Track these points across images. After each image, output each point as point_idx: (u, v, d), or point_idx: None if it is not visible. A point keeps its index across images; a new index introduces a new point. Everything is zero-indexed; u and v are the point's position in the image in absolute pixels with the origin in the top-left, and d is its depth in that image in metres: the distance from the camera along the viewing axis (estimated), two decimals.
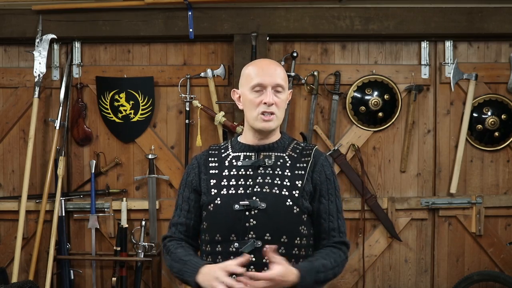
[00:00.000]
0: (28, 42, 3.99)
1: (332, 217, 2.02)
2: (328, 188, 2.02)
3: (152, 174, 4.00)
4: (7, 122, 4.10)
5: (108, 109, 4.03)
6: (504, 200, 4.09)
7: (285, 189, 1.96)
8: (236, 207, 1.94)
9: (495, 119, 4.05)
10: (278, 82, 1.98)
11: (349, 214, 4.06)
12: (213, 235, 1.98)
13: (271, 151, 2.03)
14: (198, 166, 2.08)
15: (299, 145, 2.08)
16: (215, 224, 1.98)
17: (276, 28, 3.91)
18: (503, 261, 4.09)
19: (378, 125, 4.07)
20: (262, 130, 2.00)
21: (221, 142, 2.21)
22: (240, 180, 1.98)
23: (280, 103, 1.99)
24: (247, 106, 2.01)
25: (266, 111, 1.96)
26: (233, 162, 2.03)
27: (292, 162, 2.01)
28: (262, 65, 2.02)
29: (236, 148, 2.07)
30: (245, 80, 2.03)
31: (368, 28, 3.91)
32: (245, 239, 1.92)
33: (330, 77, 4.04)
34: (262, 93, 1.97)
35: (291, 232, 1.95)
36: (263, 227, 1.92)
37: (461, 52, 4.10)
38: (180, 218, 2.08)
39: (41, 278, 3.97)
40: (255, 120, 1.98)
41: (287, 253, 1.93)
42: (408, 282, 4.13)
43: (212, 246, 1.98)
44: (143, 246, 3.89)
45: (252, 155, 2.03)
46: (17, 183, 4.11)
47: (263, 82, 1.97)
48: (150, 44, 4.10)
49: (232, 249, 1.93)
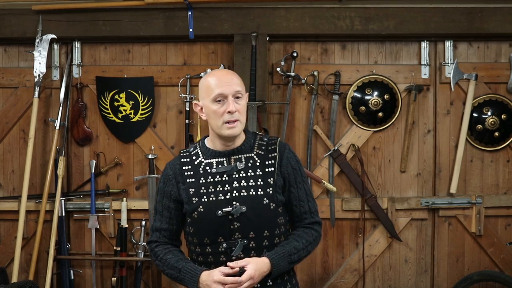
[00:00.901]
0: (28, 42, 3.99)
1: (302, 202, 2.22)
2: (295, 177, 2.21)
3: (152, 174, 4.00)
4: (7, 122, 4.10)
5: (108, 109, 4.03)
6: (504, 200, 4.09)
7: (260, 189, 2.14)
8: (219, 213, 2.10)
9: (495, 119, 4.05)
10: (237, 89, 2.12)
11: (349, 214, 4.07)
12: (201, 238, 2.15)
13: (240, 154, 2.18)
14: (175, 177, 2.20)
15: (263, 141, 2.22)
16: (202, 230, 2.14)
17: (276, 28, 3.91)
18: (503, 261, 4.09)
19: (378, 125, 4.07)
20: (228, 136, 2.14)
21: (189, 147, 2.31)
22: (217, 187, 2.14)
23: (241, 108, 2.14)
24: (211, 117, 2.14)
25: (231, 119, 2.10)
26: (207, 169, 2.17)
27: (261, 161, 2.18)
28: (219, 76, 2.14)
29: (207, 155, 2.20)
30: (205, 92, 2.15)
31: (368, 28, 3.91)
32: (232, 240, 2.11)
33: (330, 77, 4.04)
34: (224, 103, 2.11)
35: (271, 226, 2.14)
36: (247, 227, 2.11)
37: (461, 52, 4.10)
38: (163, 224, 2.23)
39: (41, 278, 3.98)
40: (220, 129, 2.13)
41: (270, 243, 2.14)
42: (408, 282, 4.13)
43: (201, 247, 2.16)
44: (143, 246, 3.90)
45: (224, 160, 2.18)
46: (17, 183, 4.11)
47: (223, 92, 2.10)
48: (150, 44, 4.10)
49: (221, 249, 2.11)
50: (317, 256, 4.13)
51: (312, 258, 4.11)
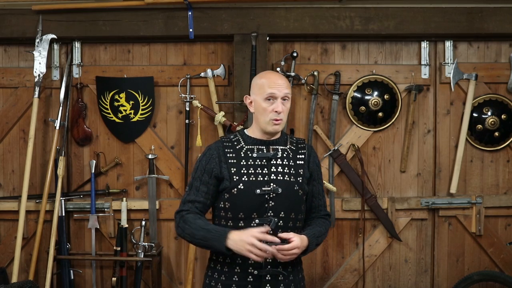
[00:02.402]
0: (28, 42, 4.00)
1: (320, 195, 2.60)
2: (318, 174, 2.58)
3: (152, 174, 4.01)
4: (7, 122, 4.10)
5: (108, 109, 4.03)
6: (504, 200, 4.09)
7: (292, 177, 2.45)
8: (258, 192, 2.37)
9: (495, 119, 4.05)
10: (286, 92, 2.43)
11: (349, 214, 4.07)
12: (236, 213, 2.39)
13: (277, 145, 2.49)
14: (218, 156, 2.45)
15: (292, 139, 2.57)
16: (239, 205, 2.39)
17: (276, 28, 3.92)
18: (503, 261, 4.09)
19: (378, 125, 4.08)
20: (271, 132, 2.45)
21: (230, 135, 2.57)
22: (257, 169, 2.42)
23: (286, 110, 2.46)
24: (259, 112, 2.45)
25: (277, 118, 2.41)
26: (248, 153, 2.45)
27: (293, 154, 2.50)
28: (274, 79, 2.44)
29: (248, 142, 2.49)
30: (258, 89, 2.45)
31: (368, 28, 3.92)
32: (264, 217, 2.37)
33: (330, 77, 4.04)
34: (273, 102, 2.41)
35: (297, 210, 2.45)
36: (279, 207, 2.39)
37: (461, 52, 4.10)
38: (198, 197, 2.44)
39: (41, 278, 3.98)
40: (267, 124, 2.43)
41: (294, 225, 2.43)
42: (408, 282, 4.13)
43: (234, 222, 2.40)
44: (143, 246, 3.89)
45: (263, 148, 2.47)
46: (17, 183, 4.11)
47: (275, 94, 2.41)
48: (150, 44, 4.10)
49: (254, 224, 2.36)
50: (317, 256, 4.13)
51: (312, 258, 4.11)
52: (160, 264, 4.00)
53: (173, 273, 4.14)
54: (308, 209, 2.56)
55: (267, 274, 2.37)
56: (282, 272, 2.39)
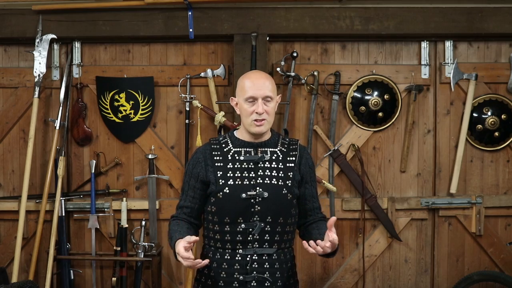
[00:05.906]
0: (28, 42, 3.99)
1: (314, 198, 2.52)
2: (310, 176, 2.50)
3: (152, 174, 4.01)
4: (7, 122, 4.10)
5: (108, 109, 4.03)
6: (504, 200, 4.09)
7: (281, 180, 2.39)
8: (243, 196, 2.34)
9: (495, 119, 4.05)
10: (267, 94, 2.36)
11: (349, 214, 4.07)
12: (222, 217, 2.37)
13: (266, 147, 2.44)
14: (204, 160, 2.43)
15: (285, 140, 2.50)
16: (225, 209, 2.37)
17: (276, 28, 3.91)
18: (503, 261, 4.09)
19: (378, 125, 4.08)
20: (255, 133, 2.39)
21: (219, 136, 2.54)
22: (244, 172, 2.38)
23: (270, 110, 2.38)
24: (242, 114, 2.40)
25: (258, 119, 2.35)
26: (236, 156, 2.41)
27: (283, 156, 2.44)
28: (254, 79, 2.38)
29: (236, 144, 2.44)
30: (240, 91, 2.41)
31: (368, 28, 3.91)
32: (250, 221, 2.34)
33: (330, 77, 4.04)
34: (254, 104, 2.35)
35: (286, 214, 2.40)
36: (266, 212, 2.35)
37: (461, 52, 4.10)
38: (186, 202, 2.47)
39: (41, 278, 3.98)
40: (249, 126, 2.38)
41: (282, 230, 2.39)
42: (408, 282, 4.13)
43: (221, 226, 2.38)
44: (143, 246, 3.89)
45: (251, 150, 2.42)
46: (17, 183, 4.11)
47: (254, 95, 2.35)
48: (150, 44, 4.10)
49: (240, 229, 2.35)
50: (317, 256, 4.09)
51: (312, 258, 4.11)
52: (160, 264, 4.00)
53: (173, 273, 4.14)
54: (303, 212, 2.51)
55: (252, 280, 2.35)
56: (267, 279, 2.36)
